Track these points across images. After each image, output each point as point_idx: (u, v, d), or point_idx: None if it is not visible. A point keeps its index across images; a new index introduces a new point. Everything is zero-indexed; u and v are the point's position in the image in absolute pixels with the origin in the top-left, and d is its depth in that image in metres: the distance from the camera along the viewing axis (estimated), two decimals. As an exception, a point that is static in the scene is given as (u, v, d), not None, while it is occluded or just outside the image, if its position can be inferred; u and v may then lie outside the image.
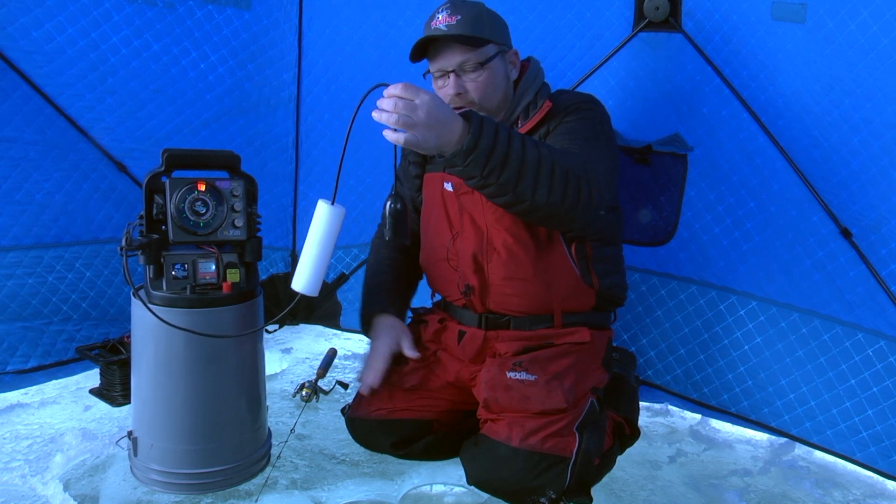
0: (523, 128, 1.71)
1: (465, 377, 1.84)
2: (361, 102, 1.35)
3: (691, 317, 2.18)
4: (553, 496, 1.58)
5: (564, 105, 1.70)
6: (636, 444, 1.90)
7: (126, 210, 2.36)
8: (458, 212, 1.78)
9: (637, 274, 2.24)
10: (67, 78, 2.16)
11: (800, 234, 1.96)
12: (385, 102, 1.31)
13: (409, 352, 1.84)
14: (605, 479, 1.77)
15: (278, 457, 1.89)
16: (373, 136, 2.76)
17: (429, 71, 1.73)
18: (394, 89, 1.31)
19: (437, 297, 2.01)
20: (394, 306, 1.92)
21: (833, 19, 1.79)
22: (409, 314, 2.07)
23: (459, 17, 1.65)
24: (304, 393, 2.16)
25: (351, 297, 2.74)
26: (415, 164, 1.95)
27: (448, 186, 1.78)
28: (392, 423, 1.85)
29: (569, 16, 2.17)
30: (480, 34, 1.66)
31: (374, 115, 1.32)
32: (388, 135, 1.33)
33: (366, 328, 1.93)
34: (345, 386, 2.27)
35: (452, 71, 1.67)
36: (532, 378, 1.67)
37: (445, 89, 1.69)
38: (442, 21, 1.66)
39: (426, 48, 1.70)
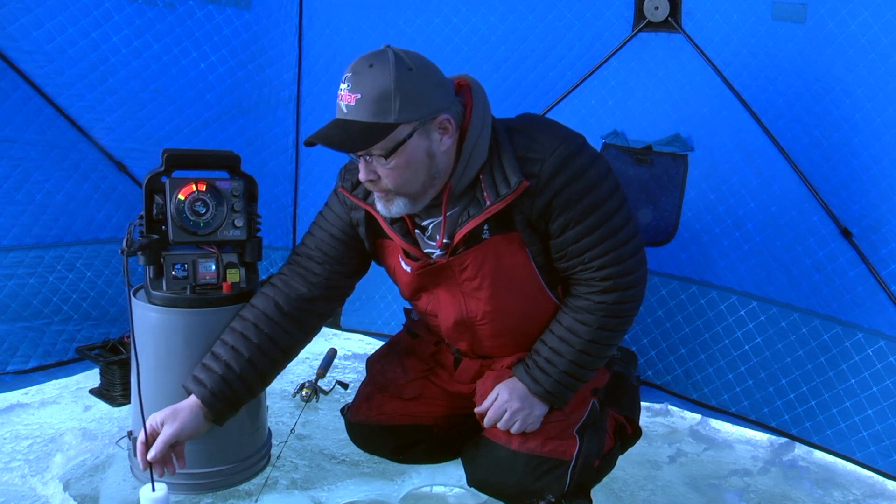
0: (492, 209, 1.44)
1: (465, 391, 1.81)
2: None
3: (692, 317, 2.18)
4: (553, 499, 1.58)
5: (539, 175, 1.42)
6: (636, 444, 1.89)
7: (126, 210, 2.36)
8: (429, 285, 1.63)
9: (637, 274, 2.24)
10: (67, 78, 2.16)
11: (800, 234, 1.96)
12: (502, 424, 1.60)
13: (177, 461, 1.54)
14: (606, 479, 1.77)
15: (278, 457, 1.89)
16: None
17: None
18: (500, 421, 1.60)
19: None
20: (215, 397, 1.56)
21: (834, 19, 1.79)
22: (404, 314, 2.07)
23: (359, 95, 1.34)
24: (304, 393, 2.16)
25: (352, 296, 2.73)
26: (364, 233, 1.63)
27: (405, 266, 1.61)
28: (392, 427, 1.84)
29: (569, 16, 2.17)
30: (383, 118, 1.34)
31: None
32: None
33: (186, 388, 1.59)
34: (345, 386, 2.27)
35: (361, 155, 1.41)
36: None
37: (359, 171, 1.44)
38: (343, 98, 1.37)
39: None
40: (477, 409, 1.64)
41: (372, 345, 2.70)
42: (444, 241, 1.53)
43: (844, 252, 1.89)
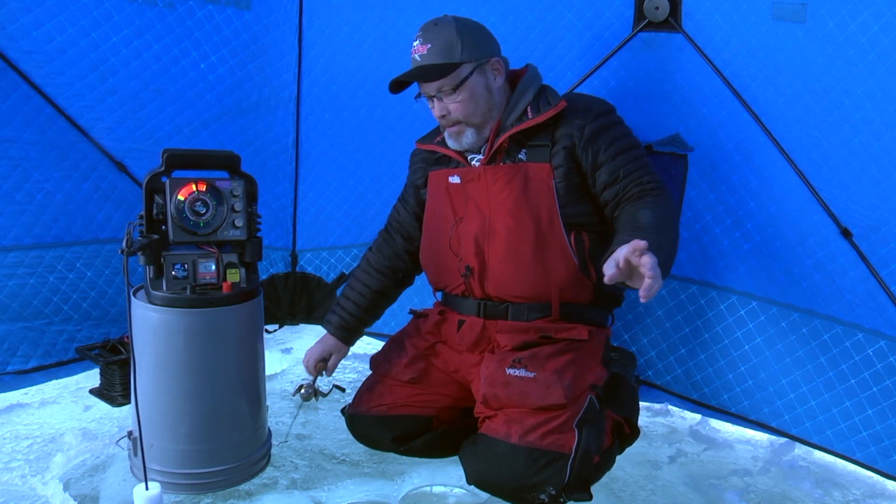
0: (533, 121, 1.76)
1: (463, 371, 1.85)
2: None
3: (692, 317, 2.18)
4: (553, 492, 1.58)
5: (587, 109, 1.76)
6: (636, 444, 1.90)
7: (126, 210, 2.37)
8: (462, 200, 1.83)
9: (637, 274, 2.24)
10: (67, 78, 2.16)
11: (800, 234, 1.96)
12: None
13: (332, 363, 2.07)
14: (605, 478, 1.77)
15: (279, 450, 1.89)
16: (372, 138, 2.77)
17: (420, 94, 1.82)
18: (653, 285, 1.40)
19: (438, 297, 2.02)
20: (344, 329, 2.07)
21: (833, 19, 1.79)
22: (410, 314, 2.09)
23: (430, 45, 1.73)
24: (302, 392, 2.14)
25: (351, 296, 2.74)
26: (420, 168, 2.02)
27: (454, 179, 1.85)
28: (392, 418, 1.87)
29: (569, 16, 2.17)
30: (451, 59, 1.73)
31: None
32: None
33: (324, 326, 2.12)
34: (342, 389, 2.26)
35: (434, 96, 1.77)
36: (531, 375, 1.68)
37: (434, 111, 1.80)
38: (416, 51, 1.76)
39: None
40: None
41: (372, 345, 2.70)
42: (492, 149, 1.80)
43: (844, 252, 1.89)
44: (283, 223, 2.73)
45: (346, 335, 2.07)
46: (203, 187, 1.72)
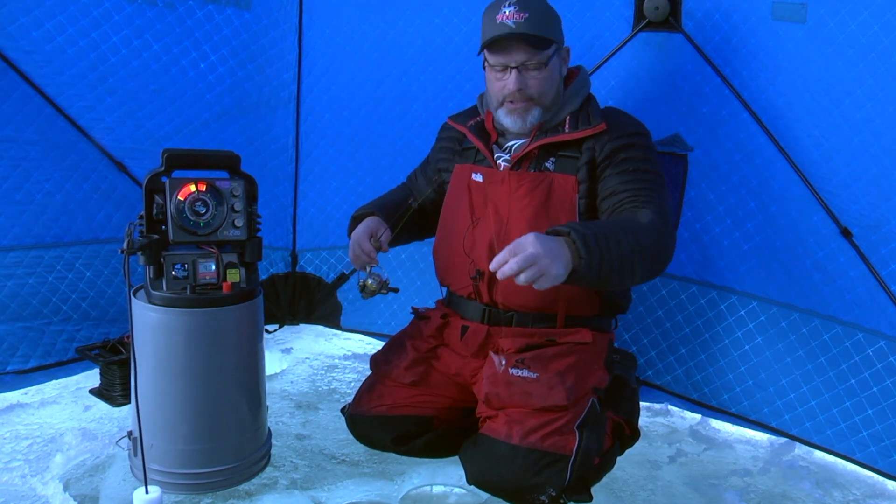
0: (567, 136, 1.72)
1: (465, 374, 1.85)
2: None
3: (692, 317, 2.18)
4: (553, 494, 1.58)
5: (618, 128, 1.71)
6: (636, 444, 1.89)
7: (126, 210, 2.36)
8: (482, 201, 1.80)
9: (637, 274, 2.24)
10: (67, 78, 2.16)
11: (800, 234, 1.96)
12: (508, 270, 1.39)
13: (385, 237, 1.86)
14: (606, 479, 1.77)
15: (279, 450, 1.89)
16: (372, 138, 2.76)
17: (487, 62, 1.75)
18: (509, 261, 1.39)
19: (443, 293, 2.00)
20: (380, 215, 1.93)
21: (834, 19, 1.79)
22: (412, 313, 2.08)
23: (527, 14, 1.66)
24: (369, 284, 1.86)
25: (351, 297, 2.74)
26: (446, 149, 1.98)
27: (476, 177, 1.82)
28: (392, 418, 1.87)
29: (569, 16, 2.16)
30: (546, 34, 1.69)
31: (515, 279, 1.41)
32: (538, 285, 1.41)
33: (350, 227, 1.95)
34: (396, 290, 1.95)
35: (515, 67, 1.70)
36: (534, 376, 1.67)
37: (504, 82, 1.72)
38: (510, 17, 1.67)
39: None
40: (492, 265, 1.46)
41: (372, 345, 2.70)
42: (528, 147, 1.75)
43: (844, 252, 1.89)
44: (283, 223, 2.73)
45: (383, 215, 1.93)
46: (203, 187, 1.72)
